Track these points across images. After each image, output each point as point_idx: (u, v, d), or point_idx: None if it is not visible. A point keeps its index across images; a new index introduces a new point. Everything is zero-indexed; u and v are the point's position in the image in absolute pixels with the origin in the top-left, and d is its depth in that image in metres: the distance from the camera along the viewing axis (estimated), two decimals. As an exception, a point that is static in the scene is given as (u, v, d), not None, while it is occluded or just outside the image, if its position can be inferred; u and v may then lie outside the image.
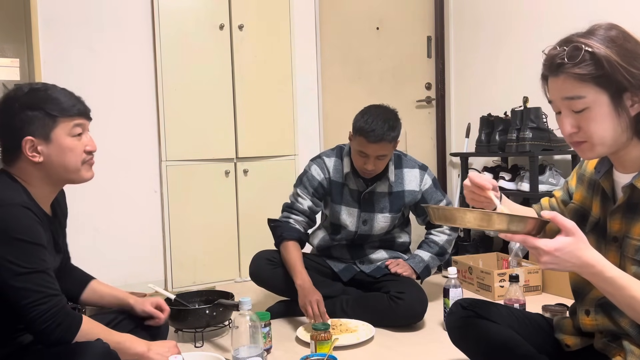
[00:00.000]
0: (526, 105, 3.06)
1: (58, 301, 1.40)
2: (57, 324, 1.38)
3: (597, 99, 1.16)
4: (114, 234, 2.97)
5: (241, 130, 3.26)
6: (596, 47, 1.14)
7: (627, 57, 1.14)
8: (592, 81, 1.15)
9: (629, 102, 1.16)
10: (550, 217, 1.11)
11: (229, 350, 1.98)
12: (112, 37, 2.99)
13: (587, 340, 1.39)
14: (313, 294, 2.21)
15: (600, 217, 1.32)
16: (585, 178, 1.41)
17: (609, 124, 1.17)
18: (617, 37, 1.16)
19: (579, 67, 1.15)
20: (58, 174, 1.49)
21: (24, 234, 1.36)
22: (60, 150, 1.46)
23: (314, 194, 2.49)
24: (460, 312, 1.56)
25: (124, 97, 3.01)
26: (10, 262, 1.34)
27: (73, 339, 1.40)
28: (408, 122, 3.90)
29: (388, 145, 2.29)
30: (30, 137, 1.43)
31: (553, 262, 1.11)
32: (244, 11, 3.24)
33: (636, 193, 1.21)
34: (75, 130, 1.49)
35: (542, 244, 1.10)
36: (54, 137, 1.45)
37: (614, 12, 2.81)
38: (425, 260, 2.50)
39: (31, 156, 1.44)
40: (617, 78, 1.13)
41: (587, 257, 1.11)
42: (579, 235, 1.11)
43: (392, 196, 2.46)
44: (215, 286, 3.03)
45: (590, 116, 1.17)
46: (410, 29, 3.91)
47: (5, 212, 1.36)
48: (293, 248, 2.40)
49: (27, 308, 1.35)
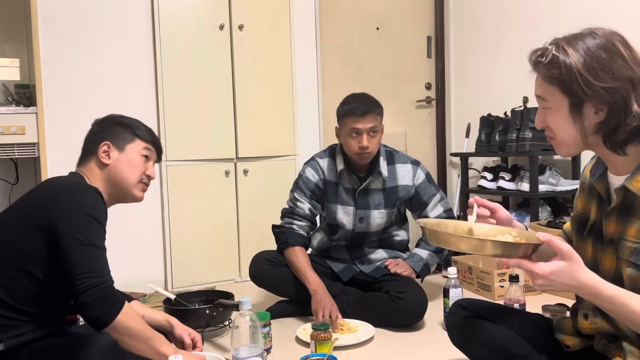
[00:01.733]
0: (526, 105, 3.06)
1: (107, 280, 1.47)
2: (101, 301, 1.43)
3: (559, 103, 1.21)
4: (114, 234, 2.95)
5: (241, 130, 3.26)
6: (568, 53, 1.17)
7: (594, 69, 1.15)
8: (558, 85, 1.20)
9: (590, 111, 1.18)
10: (546, 240, 1.13)
11: (229, 350, 1.98)
12: (112, 37, 2.99)
13: (587, 341, 1.39)
14: (328, 301, 2.23)
15: (596, 219, 1.32)
16: (585, 185, 1.41)
17: (567, 127, 1.22)
18: (598, 45, 1.17)
19: (547, 68, 1.21)
20: (116, 182, 1.69)
21: (96, 213, 1.51)
22: (127, 161, 1.69)
23: (312, 196, 2.49)
24: (460, 312, 1.56)
25: (124, 97, 3.01)
26: (79, 233, 1.46)
27: (112, 321, 1.45)
28: (408, 122, 3.91)
29: (377, 118, 2.37)
30: (108, 142, 1.68)
31: (548, 284, 1.13)
32: (244, 11, 3.24)
33: (629, 195, 1.21)
34: (144, 152, 1.73)
35: (536, 268, 1.11)
36: (127, 149, 1.70)
37: (614, 12, 2.81)
38: (423, 258, 2.50)
39: (102, 157, 1.67)
40: (573, 87, 1.17)
41: (583, 278, 1.13)
42: (575, 258, 1.12)
43: (386, 192, 2.47)
44: (215, 286, 3.03)
45: (553, 117, 1.23)
46: (410, 29, 3.91)
47: (84, 192, 1.55)
48: (300, 253, 2.40)
49: (79, 278, 1.43)
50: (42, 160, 2.63)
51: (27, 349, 1.45)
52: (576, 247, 1.39)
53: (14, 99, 2.69)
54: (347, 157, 2.48)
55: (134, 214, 3.04)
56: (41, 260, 1.47)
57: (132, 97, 3.02)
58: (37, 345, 1.46)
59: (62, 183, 1.61)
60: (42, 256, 1.47)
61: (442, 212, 2.51)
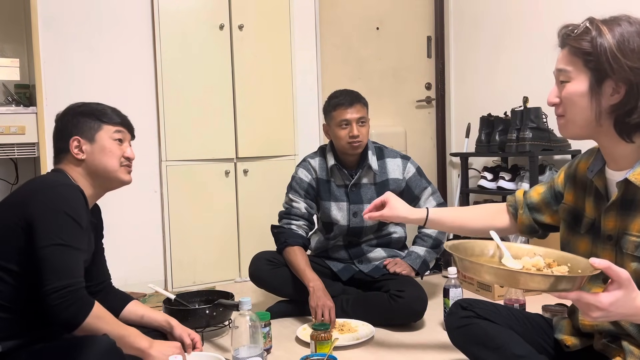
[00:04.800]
0: (526, 105, 3.06)
1: (77, 282, 1.45)
2: (68, 304, 1.41)
3: (580, 76, 1.20)
4: (114, 234, 2.96)
5: (241, 130, 3.26)
6: (602, 31, 1.17)
7: (625, 48, 1.16)
8: (582, 57, 1.19)
9: (609, 89, 1.18)
10: (603, 268, 1.07)
11: (229, 350, 1.98)
12: (113, 37, 2.99)
13: (587, 341, 1.39)
14: (326, 300, 2.23)
15: (595, 217, 1.32)
16: (577, 179, 1.41)
17: (583, 103, 1.21)
18: (633, 31, 1.17)
19: (576, 40, 1.20)
20: (98, 173, 1.65)
21: (73, 212, 1.48)
22: (101, 150, 1.64)
23: (306, 195, 2.52)
24: (460, 312, 1.57)
25: (124, 97, 2.99)
26: (53, 233, 1.44)
27: (81, 323, 1.43)
28: (408, 122, 3.92)
29: (364, 109, 2.47)
30: (78, 137, 1.63)
31: (606, 316, 1.08)
32: (244, 11, 3.24)
33: (631, 188, 1.21)
34: (116, 135, 1.67)
35: (597, 301, 1.06)
36: (97, 139, 1.65)
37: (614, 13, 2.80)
38: (421, 255, 2.51)
39: (76, 154, 1.63)
40: (601, 61, 1.17)
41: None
42: (633, 285, 1.07)
43: (377, 186, 2.49)
44: (215, 286, 3.03)
45: (570, 90, 1.22)
46: (410, 29, 3.91)
47: (63, 189, 1.52)
48: (299, 252, 2.41)
49: (46, 280, 1.41)
50: (42, 160, 2.63)
51: (26, 351, 1.44)
52: (566, 240, 1.40)
53: (14, 99, 2.69)
54: (337, 154, 2.51)
55: (134, 214, 3.05)
56: (23, 260, 1.45)
57: (132, 97, 3.02)
58: (36, 347, 1.46)
59: (42, 182, 1.60)
60: (24, 256, 1.45)
61: (435, 205, 2.52)
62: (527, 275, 1.11)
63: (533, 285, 1.11)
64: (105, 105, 1.71)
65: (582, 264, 1.19)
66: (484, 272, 1.16)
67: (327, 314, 2.19)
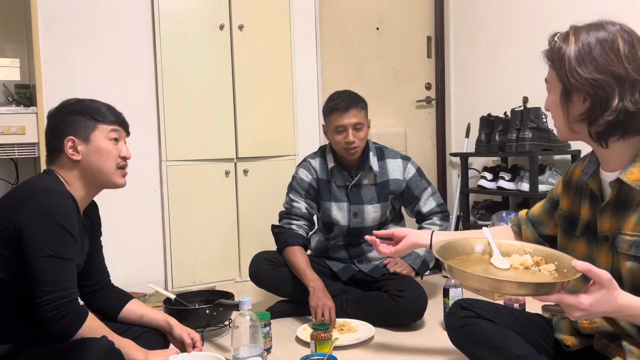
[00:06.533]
0: (526, 105, 3.06)
1: (70, 294, 1.43)
2: (62, 315, 1.40)
3: (555, 87, 1.26)
4: (114, 234, 2.96)
5: (241, 130, 3.26)
6: (569, 42, 1.20)
7: (583, 60, 1.18)
8: (555, 70, 1.24)
9: (579, 99, 1.21)
10: (585, 270, 1.10)
11: (229, 350, 1.98)
12: (113, 37, 2.99)
13: (587, 341, 1.39)
14: (326, 300, 2.23)
15: (590, 218, 1.32)
16: (572, 184, 1.42)
17: (557, 111, 1.27)
18: (599, 38, 1.18)
19: (549, 53, 1.26)
20: (93, 175, 1.61)
21: (63, 221, 1.45)
22: (97, 151, 1.59)
23: (307, 195, 2.52)
24: (460, 312, 1.57)
25: (124, 97, 2.99)
26: (44, 244, 1.41)
27: (74, 334, 1.42)
28: (408, 122, 3.92)
29: (360, 113, 2.41)
30: (72, 137, 1.58)
31: (586, 315, 1.12)
32: (244, 11, 3.24)
33: (624, 188, 1.22)
34: (112, 135, 1.62)
35: (577, 302, 1.10)
36: (92, 139, 1.59)
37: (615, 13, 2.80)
38: (421, 255, 2.51)
39: (71, 154, 1.57)
40: (561, 74, 1.21)
41: (622, 301, 1.11)
42: (614, 284, 1.10)
43: (377, 187, 2.49)
44: (215, 286, 3.03)
45: (548, 100, 1.29)
46: (410, 29, 3.91)
47: (53, 197, 1.47)
48: (299, 252, 2.41)
49: (39, 291, 1.39)
50: (42, 160, 2.63)
51: (24, 353, 1.44)
52: (563, 245, 1.40)
53: (14, 99, 2.69)
54: (336, 155, 2.51)
55: (134, 214, 3.05)
56: (12, 267, 1.43)
57: (132, 97, 3.02)
58: (34, 350, 1.45)
59: (33, 187, 1.53)
60: (14, 262, 1.43)
61: (435, 206, 2.52)
62: (508, 283, 1.17)
63: (514, 292, 1.18)
64: (99, 102, 1.65)
65: (568, 262, 1.23)
66: (467, 279, 1.22)
67: (327, 314, 2.19)
